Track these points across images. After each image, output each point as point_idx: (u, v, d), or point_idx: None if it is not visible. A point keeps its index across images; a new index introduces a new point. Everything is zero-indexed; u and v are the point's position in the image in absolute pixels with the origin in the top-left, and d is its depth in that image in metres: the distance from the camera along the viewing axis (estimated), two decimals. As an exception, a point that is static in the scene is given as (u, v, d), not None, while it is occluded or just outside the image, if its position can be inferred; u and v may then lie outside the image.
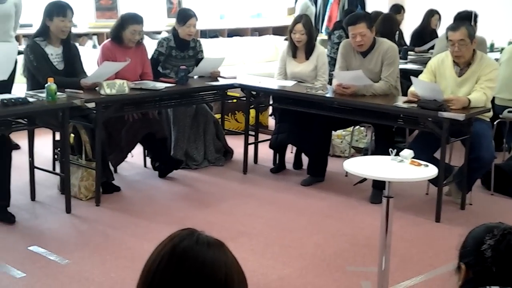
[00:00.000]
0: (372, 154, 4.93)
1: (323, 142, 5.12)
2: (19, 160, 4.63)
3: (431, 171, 3.10)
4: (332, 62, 5.79)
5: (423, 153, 3.73)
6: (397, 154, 3.19)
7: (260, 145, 5.71)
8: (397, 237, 3.57)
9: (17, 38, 6.65)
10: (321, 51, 5.34)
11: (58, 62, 4.59)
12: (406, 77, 5.56)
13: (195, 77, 5.50)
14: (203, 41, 5.83)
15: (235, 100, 6.11)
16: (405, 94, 4.91)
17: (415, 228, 4.26)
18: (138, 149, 5.35)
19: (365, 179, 4.55)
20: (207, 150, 5.58)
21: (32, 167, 4.57)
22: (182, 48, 5.48)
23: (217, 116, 5.96)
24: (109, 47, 4.96)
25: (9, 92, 4.69)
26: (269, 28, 10.03)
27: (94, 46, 7.76)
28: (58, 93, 4.14)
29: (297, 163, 5.54)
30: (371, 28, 4.76)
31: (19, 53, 4.87)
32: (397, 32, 7.32)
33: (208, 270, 1.29)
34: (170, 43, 5.43)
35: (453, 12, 6.42)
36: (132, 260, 3.62)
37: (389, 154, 3.26)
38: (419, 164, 3.11)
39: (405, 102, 4.48)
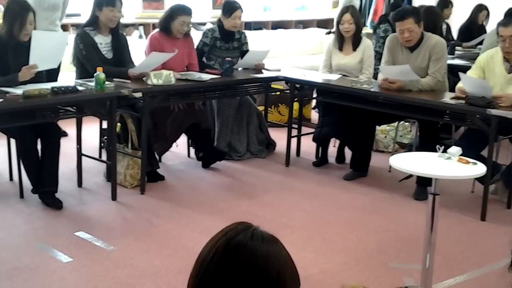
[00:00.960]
0: (416, 150, 4.87)
1: (367, 136, 5.09)
2: (66, 147, 4.72)
3: (480, 169, 3.05)
4: (378, 56, 5.74)
5: (470, 151, 3.67)
6: (444, 151, 3.15)
7: (302, 138, 5.70)
8: (441, 235, 3.53)
9: (66, 27, 6.80)
10: (368, 44, 5.30)
11: (107, 51, 4.67)
12: (453, 72, 5.49)
13: (240, 69, 5.53)
14: (247, 33, 5.84)
15: (278, 93, 6.11)
16: (451, 89, 4.84)
17: (459, 226, 4.20)
18: (182, 139, 5.40)
19: (411, 176, 4.51)
20: (250, 142, 5.61)
21: (79, 154, 4.67)
22: (227, 39, 5.50)
23: (260, 108, 5.98)
24: (157, 37, 5.02)
25: (56, 80, 4.80)
26: (313, 20, 9.99)
27: (140, 37, 7.87)
28: (106, 82, 4.22)
29: (340, 157, 5.52)
30: (419, 23, 4.69)
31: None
32: (445, 27, 7.22)
33: (261, 265, 1.29)
34: (215, 34, 5.46)
35: (501, 8, 6.30)
36: (175, 248, 3.67)
37: (433, 151, 3.22)
38: (467, 162, 3.07)
39: (452, 98, 4.42)
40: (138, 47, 5.83)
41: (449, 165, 3.05)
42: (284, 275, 1.30)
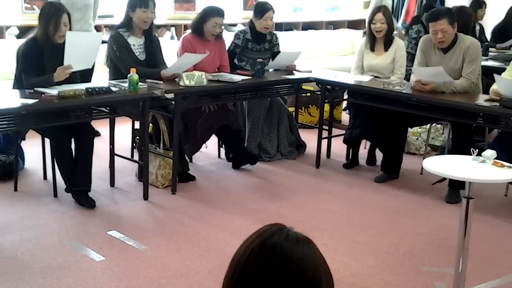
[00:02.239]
0: (449, 152, 4.82)
1: (399, 138, 5.05)
2: (99, 147, 4.78)
3: (515, 173, 3.00)
4: (410, 57, 5.69)
5: (504, 154, 3.60)
6: (478, 154, 3.11)
7: (333, 140, 5.69)
8: (474, 239, 3.48)
9: (99, 28, 6.89)
10: (400, 44, 5.27)
11: (140, 52, 4.72)
12: (487, 74, 5.43)
13: (271, 70, 5.53)
14: (278, 34, 5.84)
15: (309, 94, 6.11)
16: (485, 91, 4.78)
17: (492, 230, 4.15)
18: (213, 140, 5.43)
19: (444, 179, 4.46)
20: (280, 143, 5.61)
21: (112, 154, 4.73)
22: (258, 40, 5.51)
23: (291, 109, 5.97)
24: (190, 39, 5.06)
25: (90, 81, 4.86)
26: (344, 21, 9.96)
27: (172, 38, 7.93)
28: (139, 83, 4.26)
29: (371, 159, 5.49)
30: (452, 24, 4.64)
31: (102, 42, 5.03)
32: (478, 28, 7.13)
33: (296, 266, 1.29)
34: (246, 35, 5.47)
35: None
36: (206, 249, 3.69)
37: (467, 153, 3.18)
38: (502, 165, 3.02)
39: (486, 100, 4.36)
40: (169, 48, 5.88)
41: (483, 169, 3.01)
42: (319, 276, 1.30)
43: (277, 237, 1.32)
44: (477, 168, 3.02)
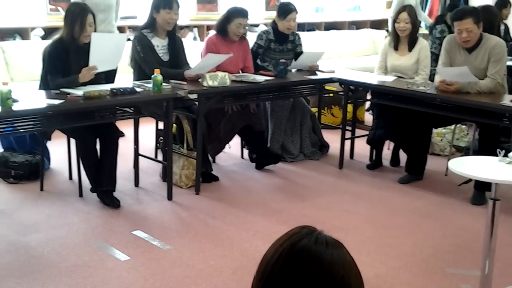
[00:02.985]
0: (474, 153, 4.77)
1: (423, 139, 5.01)
2: (123, 148, 4.80)
3: (543, 174, 2.96)
4: (433, 57, 5.64)
5: (531, 155, 3.58)
6: (505, 155, 3.08)
7: (356, 140, 5.67)
8: (500, 241, 3.44)
9: (123, 29, 6.94)
10: (424, 44, 5.22)
11: (163, 53, 4.75)
12: (512, 74, 5.37)
13: (293, 70, 5.52)
14: (300, 34, 5.83)
15: (332, 94, 6.09)
16: (511, 91, 4.73)
17: (519, 232, 4.10)
18: (236, 140, 5.44)
19: (470, 180, 4.41)
20: (303, 144, 5.60)
21: (136, 154, 4.76)
22: (281, 41, 5.51)
23: (314, 110, 5.96)
24: (214, 40, 5.07)
25: (113, 81, 4.90)
26: (366, 21, 9.92)
27: (195, 38, 7.96)
28: (163, 84, 4.28)
29: (395, 160, 5.46)
30: (478, 23, 4.60)
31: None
32: (503, 27, 7.05)
33: (326, 270, 1.28)
34: (269, 36, 5.47)
35: None
36: (230, 249, 3.69)
37: (493, 154, 3.15)
38: (530, 167, 2.99)
39: (512, 100, 4.32)
40: (192, 49, 5.90)
41: (510, 170, 2.98)
42: (349, 279, 1.30)
43: (307, 240, 1.32)
44: (504, 169, 2.98)
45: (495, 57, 4.63)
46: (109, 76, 4.96)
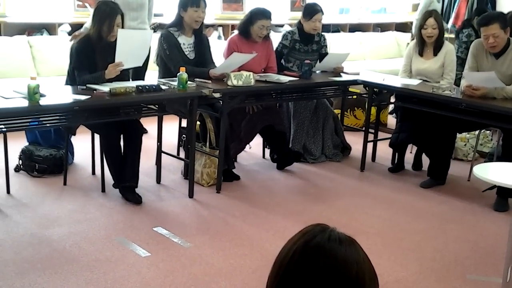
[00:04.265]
0: (498, 159, 4.73)
1: (447, 144, 4.97)
2: (146, 144, 4.84)
3: None
4: (459, 62, 5.61)
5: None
6: (531, 162, 3.05)
7: (378, 143, 5.64)
8: (523, 249, 3.42)
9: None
10: (450, 49, 5.18)
11: (189, 51, 4.77)
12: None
13: (318, 71, 5.52)
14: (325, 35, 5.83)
15: (355, 96, 6.07)
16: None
17: (542, 241, 4.05)
18: (257, 140, 5.44)
19: (495, 186, 4.37)
20: (325, 145, 5.59)
21: (159, 151, 4.79)
22: (306, 42, 5.51)
23: (337, 111, 5.95)
24: (236, 41, 5.08)
25: (143, 78, 4.93)
26: (392, 24, 9.87)
27: (219, 37, 7.98)
28: (188, 82, 4.30)
29: (417, 164, 5.43)
30: (505, 29, 4.55)
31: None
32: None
33: (340, 267, 1.30)
34: (294, 36, 5.47)
35: None
36: (250, 248, 3.70)
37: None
38: (556, 175, 2.96)
39: (539, 107, 4.27)
40: (216, 48, 5.92)
41: (536, 177, 2.95)
42: (363, 275, 1.31)
43: (320, 237, 1.33)
44: (530, 177, 2.96)
45: (523, 62, 4.58)
46: (138, 73, 5.00)
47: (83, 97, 3.90)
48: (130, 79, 4.57)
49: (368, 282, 1.32)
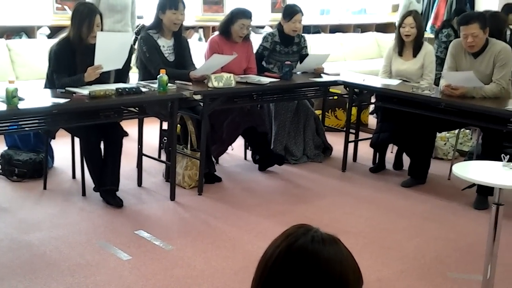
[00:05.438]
0: (478, 158, 4.77)
1: (427, 143, 5.01)
2: (127, 147, 4.81)
3: (547, 180, 2.96)
4: (439, 62, 5.65)
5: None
6: (509, 160, 3.08)
7: (359, 143, 5.67)
8: (502, 246, 3.44)
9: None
10: (429, 50, 5.22)
11: (169, 54, 4.75)
12: (517, 79, 5.35)
13: (298, 72, 5.53)
14: (305, 37, 5.84)
15: (336, 97, 6.09)
16: (515, 97, 4.72)
17: (521, 238, 4.09)
18: (239, 142, 5.44)
19: (474, 184, 4.41)
20: (306, 146, 5.60)
21: (140, 154, 4.77)
22: (287, 43, 5.52)
23: (318, 112, 5.96)
24: (217, 41, 5.08)
25: (125, 81, 4.90)
26: (372, 24, 9.92)
27: (200, 39, 7.97)
28: (168, 84, 4.29)
29: (398, 164, 5.46)
30: (484, 29, 4.59)
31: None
32: (509, 33, 7.03)
33: (323, 268, 1.30)
34: (274, 38, 5.48)
35: None
36: (232, 250, 3.70)
37: (496, 159, 3.15)
38: (534, 172, 2.98)
39: (517, 106, 4.31)
40: (197, 50, 5.91)
41: (514, 175, 2.98)
42: (347, 275, 1.31)
43: (303, 239, 1.33)
44: (508, 174, 2.98)
45: (501, 62, 4.63)
46: (121, 75, 4.96)
47: (62, 101, 3.87)
48: (112, 82, 4.54)
49: (352, 281, 1.32)
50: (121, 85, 4.25)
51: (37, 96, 4.03)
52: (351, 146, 5.51)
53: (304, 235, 1.34)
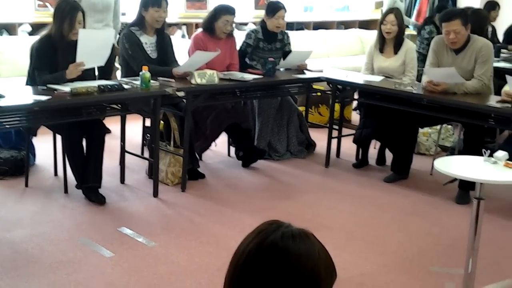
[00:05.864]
0: (459, 153, 4.81)
1: (409, 139, 5.04)
2: (110, 144, 4.79)
3: (527, 174, 2.99)
4: (421, 58, 5.68)
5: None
6: (490, 155, 3.10)
7: (343, 139, 5.68)
8: (484, 240, 3.47)
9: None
10: (410, 46, 5.24)
11: (151, 51, 4.73)
12: (498, 75, 5.41)
13: (282, 69, 5.53)
14: (289, 34, 5.84)
15: (319, 93, 6.10)
16: (497, 93, 4.76)
17: (503, 232, 4.14)
18: (223, 138, 5.44)
19: (455, 179, 4.45)
20: (290, 142, 5.61)
21: (123, 151, 4.75)
22: (270, 40, 5.51)
23: (301, 108, 5.97)
24: (201, 37, 5.07)
25: (109, 78, 4.88)
26: (355, 21, 9.93)
27: (183, 36, 7.94)
28: (151, 81, 4.27)
29: (381, 159, 5.48)
30: (466, 25, 4.62)
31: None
32: (491, 29, 7.10)
33: (294, 264, 1.30)
34: (258, 35, 5.48)
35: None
36: (215, 246, 3.70)
37: (478, 154, 3.18)
38: (514, 166, 3.01)
39: (498, 101, 4.35)
40: (180, 47, 5.89)
41: (495, 170, 3.00)
42: (318, 270, 1.31)
43: (274, 236, 1.33)
44: (489, 169, 3.01)
45: (482, 58, 4.66)
46: (105, 72, 4.93)
47: (43, 98, 3.84)
48: (96, 79, 4.51)
49: (324, 276, 1.32)
50: (103, 82, 4.23)
51: (19, 93, 4.00)
52: (334, 142, 5.53)
53: (274, 231, 1.34)
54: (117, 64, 5.53)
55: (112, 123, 5.35)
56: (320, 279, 1.31)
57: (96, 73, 4.51)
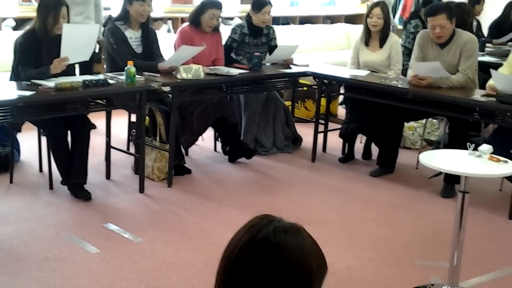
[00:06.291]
0: (445, 147, 4.83)
1: (395, 133, 5.06)
2: (95, 140, 4.76)
3: (511, 167, 3.01)
4: (407, 52, 5.69)
5: (500, 149, 3.62)
6: (474, 148, 3.12)
7: (329, 134, 5.69)
8: (469, 233, 3.49)
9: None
10: (395, 40, 5.26)
11: (136, 45, 4.71)
12: (483, 69, 5.43)
13: (268, 64, 5.52)
14: (275, 28, 5.84)
15: (305, 88, 6.10)
16: (482, 87, 4.79)
17: (487, 225, 4.17)
18: (209, 133, 5.43)
19: (440, 173, 4.47)
20: (276, 137, 5.61)
21: (108, 146, 4.72)
22: (255, 35, 5.51)
23: (287, 103, 5.97)
24: (187, 31, 5.05)
25: (91, 73, 4.84)
26: (341, 16, 9.94)
27: (169, 31, 7.91)
28: (136, 76, 4.25)
29: (367, 153, 5.50)
30: (451, 19, 4.64)
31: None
32: (475, 23, 7.13)
33: (286, 259, 1.30)
34: (243, 30, 5.46)
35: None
36: (202, 241, 3.69)
37: (463, 148, 3.19)
38: (498, 160, 3.03)
39: (483, 95, 4.38)
40: (166, 41, 5.86)
41: (480, 163, 3.02)
42: (310, 264, 1.31)
43: (265, 231, 1.33)
44: (473, 163, 3.03)
45: (467, 52, 4.69)
46: (86, 67, 4.90)
47: (27, 93, 3.81)
48: (77, 74, 4.48)
49: (315, 270, 1.32)
50: (88, 77, 4.21)
51: (2, 88, 3.97)
52: (320, 136, 5.54)
53: (266, 226, 1.34)
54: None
55: (97, 119, 5.32)
56: (311, 273, 1.31)
57: (77, 67, 4.47)
